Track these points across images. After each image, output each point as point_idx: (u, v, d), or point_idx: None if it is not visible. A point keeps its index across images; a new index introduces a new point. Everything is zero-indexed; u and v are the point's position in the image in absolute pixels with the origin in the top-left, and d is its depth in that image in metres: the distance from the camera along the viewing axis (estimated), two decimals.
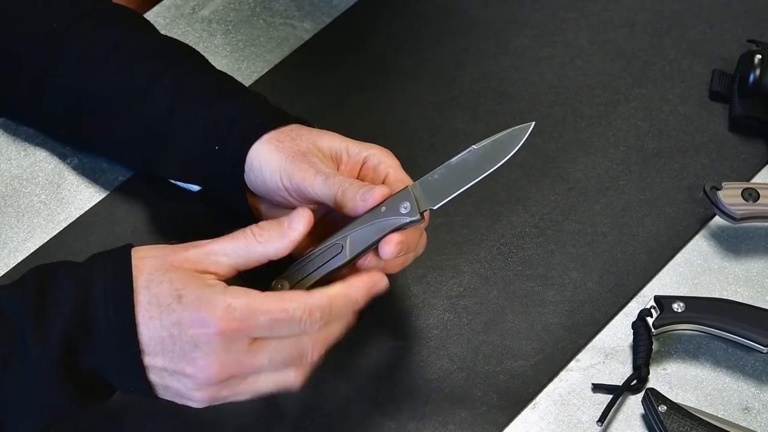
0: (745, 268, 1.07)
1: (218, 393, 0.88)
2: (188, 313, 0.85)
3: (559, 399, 1.01)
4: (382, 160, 0.96)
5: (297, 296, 0.87)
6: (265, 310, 0.86)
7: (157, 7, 1.20)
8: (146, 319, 0.86)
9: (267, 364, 0.88)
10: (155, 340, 0.86)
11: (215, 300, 0.86)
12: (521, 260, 1.07)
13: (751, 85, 1.11)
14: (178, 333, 0.86)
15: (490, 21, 1.20)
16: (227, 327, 0.85)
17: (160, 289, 0.86)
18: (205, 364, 0.86)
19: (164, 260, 0.88)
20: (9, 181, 1.10)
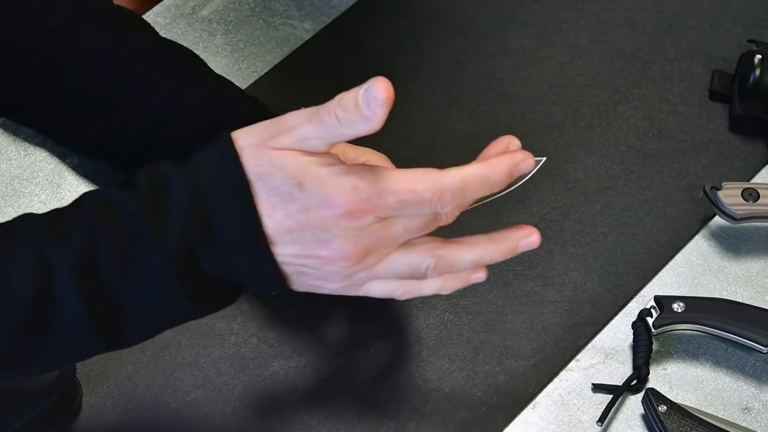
0: (745, 268, 1.07)
1: (355, 274, 0.85)
2: (313, 197, 0.82)
3: (559, 399, 1.01)
4: (379, 164, 0.96)
5: (428, 176, 0.83)
6: (393, 191, 0.82)
7: (157, 7, 1.20)
8: (269, 210, 0.83)
9: (402, 233, 0.84)
10: (282, 229, 0.83)
11: (339, 181, 0.82)
12: (521, 260, 1.07)
13: (751, 85, 1.11)
14: (305, 219, 0.82)
15: (489, 21, 1.20)
16: (354, 208, 0.82)
17: (274, 180, 0.83)
18: (338, 245, 0.83)
19: (264, 147, 0.84)
20: (9, 181, 1.10)
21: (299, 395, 1.00)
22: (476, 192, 0.85)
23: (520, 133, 1.13)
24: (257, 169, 0.83)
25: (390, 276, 0.87)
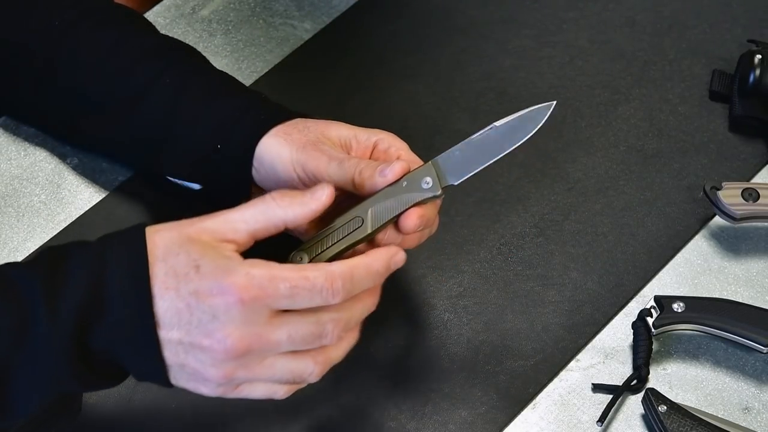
0: (745, 268, 1.07)
1: (234, 372, 0.85)
2: (207, 282, 0.83)
3: (559, 399, 1.01)
4: (392, 143, 0.97)
5: (318, 265, 0.85)
6: (286, 278, 0.84)
7: (157, 7, 1.20)
8: (162, 290, 0.84)
9: (286, 340, 0.85)
10: (171, 311, 0.83)
11: (235, 268, 0.83)
12: (521, 260, 1.07)
13: (751, 85, 1.11)
14: (195, 303, 0.83)
15: (490, 21, 1.20)
16: (247, 294, 0.83)
17: (177, 261, 0.84)
18: (223, 335, 0.83)
19: (180, 232, 0.85)
20: (9, 181, 1.10)
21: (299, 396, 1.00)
22: (362, 281, 0.87)
23: None
24: (164, 250, 0.85)
25: (272, 381, 0.87)
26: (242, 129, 0.98)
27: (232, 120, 0.99)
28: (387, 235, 0.93)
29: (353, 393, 1.01)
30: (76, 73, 1.03)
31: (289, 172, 0.96)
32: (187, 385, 0.87)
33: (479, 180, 1.10)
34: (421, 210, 0.92)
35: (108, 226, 1.07)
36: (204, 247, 0.84)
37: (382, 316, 1.03)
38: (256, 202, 0.87)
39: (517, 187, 1.11)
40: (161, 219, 1.07)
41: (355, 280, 0.86)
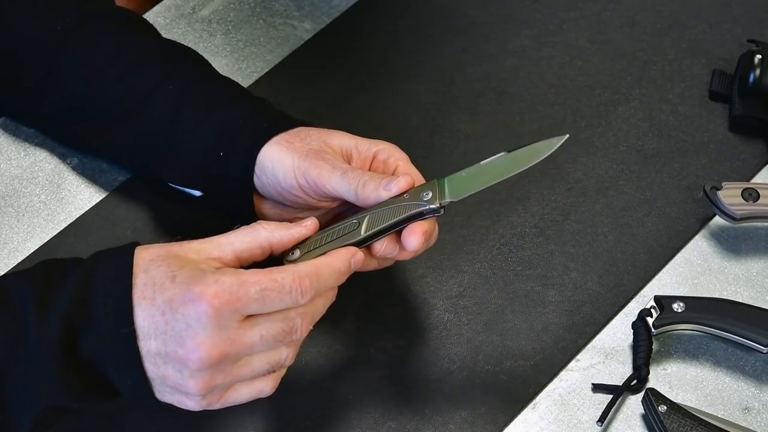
0: (745, 268, 1.07)
1: (213, 380, 0.86)
2: (179, 290, 0.85)
3: (559, 399, 1.01)
4: (392, 154, 0.97)
5: (285, 267, 0.88)
6: (255, 281, 0.85)
7: (157, 7, 1.20)
8: (140, 299, 0.85)
9: (259, 341, 0.87)
10: (149, 321, 0.85)
11: (205, 276, 0.85)
12: (521, 260, 1.07)
13: (751, 85, 1.11)
14: (169, 311, 0.85)
15: (490, 21, 1.20)
16: (218, 300, 0.84)
17: (157, 272, 0.86)
18: (196, 343, 0.84)
19: (168, 249, 0.88)
20: (9, 181, 1.10)
21: (299, 396, 1.00)
22: (328, 279, 0.89)
23: (520, 133, 1.14)
24: (151, 261, 0.87)
25: (252, 377, 0.88)
26: (244, 137, 0.98)
27: (234, 128, 0.99)
28: (384, 246, 0.94)
29: (353, 393, 1.01)
30: (78, 78, 1.03)
31: (290, 179, 0.96)
32: (171, 399, 0.88)
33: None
34: (425, 226, 0.93)
35: (108, 226, 1.07)
36: (185, 260, 0.87)
37: (383, 316, 1.04)
38: (243, 227, 0.90)
39: (517, 187, 1.11)
40: (161, 219, 1.08)
41: (321, 279, 0.88)
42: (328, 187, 0.94)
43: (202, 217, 1.07)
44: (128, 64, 1.02)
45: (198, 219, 1.07)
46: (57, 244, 1.06)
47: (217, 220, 1.06)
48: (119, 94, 1.02)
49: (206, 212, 1.06)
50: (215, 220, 1.06)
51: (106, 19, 1.05)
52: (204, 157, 1.00)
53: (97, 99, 1.03)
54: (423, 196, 0.93)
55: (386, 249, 0.94)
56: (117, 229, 1.07)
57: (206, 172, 1.00)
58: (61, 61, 1.03)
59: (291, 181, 0.96)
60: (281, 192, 0.97)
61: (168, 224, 1.07)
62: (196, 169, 1.00)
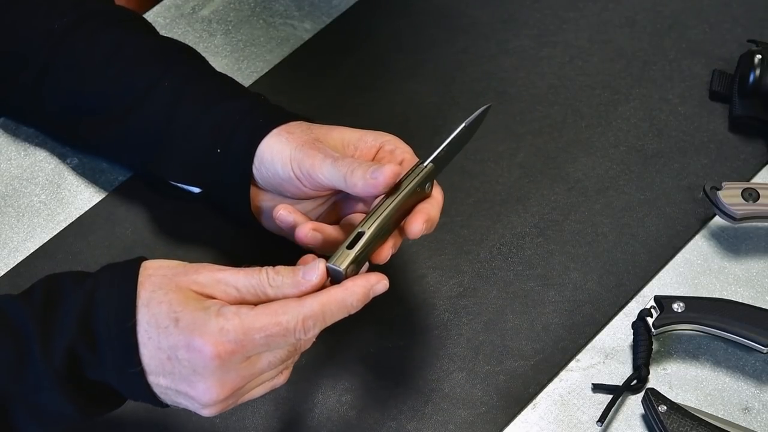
0: (745, 268, 1.07)
1: (226, 404, 0.88)
2: (183, 338, 0.85)
3: (559, 399, 1.01)
4: (398, 145, 0.98)
5: (289, 308, 0.86)
6: (259, 328, 0.85)
7: (157, 7, 1.20)
8: (145, 339, 0.86)
9: (266, 367, 0.88)
10: (155, 360, 0.86)
11: (208, 324, 0.85)
12: (521, 260, 1.07)
13: (751, 85, 1.11)
14: (175, 356, 0.85)
15: (490, 21, 1.20)
16: (222, 350, 0.85)
17: (159, 310, 0.86)
18: (205, 387, 0.86)
19: (171, 279, 0.87)
20: (9, 181, 1.10)
21: (299, 395, 1.00)
22: (335, 315, 0.88)
23: (520, 133, 1.14)
24: (151, 294, 0.86)
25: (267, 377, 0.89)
26: (242, 132, 0.98)
27: (232, 123, 0.99)
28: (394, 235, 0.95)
29: (353, 393, 1.01)
30: (75, 77, 1.03)
31: (288, 171, 0.96)
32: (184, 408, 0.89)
33: (479, 180, 1.10)
34: (426, 215, 0.94)
35: (108, 226, 1.07)
36: (187, 297, 0.86)
37: (383, 316, 1.04)
38: (253, 273, 0.88)
39: (517, 187, 1.11)
40: (161, 219, 1.08)
41: (327, 316, 0.88)
42: (321, 176, 0.94)
43: (202, 217, 1.07)
44: (125, 63, 1.02)
45: (198, 219, 1.07)
46: (57, 244, 1.06)
47: (216, 220, 1.06)
48: (116, 93, 1.02)
49: (206, 212, 1.06)
50: (215, 220, 1.06)
51: (104, 18, 1.05)
52: (201, 154, 1.00)
53: (95, 97, 1.03)
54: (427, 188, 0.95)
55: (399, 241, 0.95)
56: (117, 229, 1.07)
57: (204, 168, 1.00)
58: (59, 60, 1.03)
59: (288, 172, 0.96)
60: (281, 183, 0.97)
61: (168, 224, 1.07)
62: (193, 165, 1.01)
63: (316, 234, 0.95)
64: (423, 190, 0.94)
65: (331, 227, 0.97)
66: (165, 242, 1.07)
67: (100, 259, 1.05)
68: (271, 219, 1.01)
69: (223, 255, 1.06)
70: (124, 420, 0.98)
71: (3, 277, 1.05)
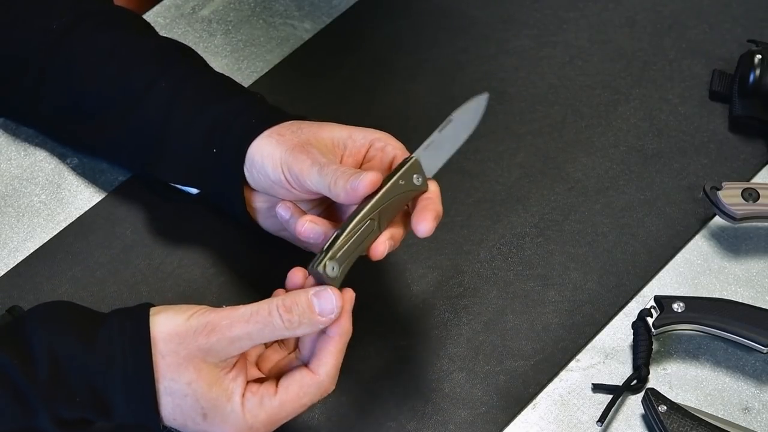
0: (745, 268, 1.07)
1: None
2: (213, 429, 0.89)
3: (559, 399, 1.01)
4: (389, 142, 0.98)
5: (308, 386, 0.90)
6: (285, 415, 0.90)
7: (157, 7, 1.20)
8: (170, 420, 0.89)
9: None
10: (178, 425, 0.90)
11: (238, 422, 0.88)
12: (521, 260, 1.07)
13: (751, 85, 1.11)
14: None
15: (489, 21, 1.20)
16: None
17: (185, 402, 0.88)
18: None
19: (187, 359, 0.88)
20: (9, 181, 1.10)
21: None
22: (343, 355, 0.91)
23: (520, 134, 1.14)
24: (172, 384, 0.88)
25: None
26: (234, 133, 0.98)
27: (225, 124, 0.99)
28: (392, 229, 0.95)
29: (353, 393, 1.00)
30: (73, 77, 1.03)
31: (278, 173, 0.96)
32: None
33: (479, 180, 1.10)
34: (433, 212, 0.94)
35: (108, 226, 1.07)
36: (210, 384, 0.88)
37: (383, 317, 1.04)
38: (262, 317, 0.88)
39: (517, 187, 1.11)
40: (161, 219, 1.07)
41: (339, 364, 0.91)
42: (308, 182, 0.95)
43: (201, 217, 1.07)
44: (123, 63, 1.02)
45: (198, 220, 1.07)
46: (57, 244, 1.06)
47: (217, 221, 1.06)
48: (113, 93, 1.02)
49: (206, 213, 1.06)
50: (214, 220, 1.06)
51: (102, 18, 1.05)
52: (197, 155, 1.00)
53: (92, 98, 1.03)
54: (415, 180, 0.95)
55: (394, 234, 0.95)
56: (117, 229, 1.07)
57: (199, 169, 1.00)
58: (57, 61, 1.03)
59: (279, 175, 0.96)
60: (272, 185, 0.97)
61: (168, 224, 1.07)
62: (189, 167, 1.00)
63: (314, 226, 0.95)
64: (412, 185, 0.95)
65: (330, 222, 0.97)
66: (165, 242, 1.06)
67: (100, 259, 1.05)
68: (268, 219, 1.01)
69: (223, 255, 1.06)
70: None
71: (3, 277, 1.05)
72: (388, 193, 0.93)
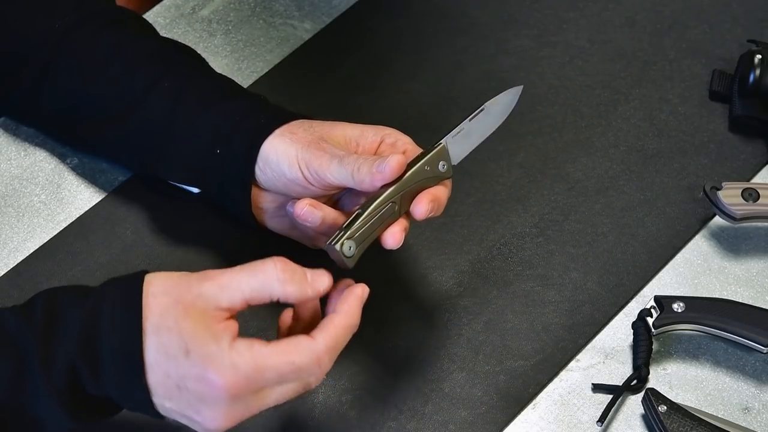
0: (745, 268, 1.07)
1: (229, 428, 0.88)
2: (195, 370, 0.85)
3: (559, 399, 1.01)
4: (398, 137, 0.98)
5: (302, 346, 0.86)
6: (272, 366, 0.85)
7: (157, 7, 1.20)
8: (153, 365, 0.85)
9: (274, 402, 0.88)
10: (162, 386, 0.86)
11: (221, 359, 0.84)
12: (521, 260, 1.07)
13: (751, 85, 1.11)
14: (184, 386, 0.85)
15: (489, 21, 1.20)
16: (233, 386, 0.84)
17: (170, 339, 0.85)
18: (211, 416, 0.86)
19: (177, 300, 0.86)
20: (9, 181, 1.10)
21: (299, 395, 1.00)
22: (344, 341, 0.89)
23: (520, 134, 1.14)
24: (159, 321, 0.85)
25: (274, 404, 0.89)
26: (244, 132, 0.98)
27: (233, 124, 0.99)
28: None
29: (353, 393, 1.01)
30: (75, 77, 1.03)
31: (295, 171, 0.96)
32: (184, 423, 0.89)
33: (479, 180, 1.10)
34: (431, 194, 0.95)
35: (108, 226, 1.07)
36: (196, 325, 0.85)
37: (383, 317, 1.04)
38: (257, 271, 0.87)
39: (517, 187, 1.11)
40: (161, 219, 1.07)
41: (339, 346, 0.88)
42: (329, 175, 0.95)
43: (202, 217, 1.07)
44: (125, 63, 1.02)
45: (198, 219, 1.07)
46: (57, 244, 1.06)
47: (217, 220, 1.06)
48: (116, 93, 1.02)
49: (206, 212, 1.06)
50: (215, 220, 1.06)
51: (105, 18, 1.05)
52: (201, 155, 1.00)
53: (95, 98, 1.03)
54: (440, 167, 0.96)
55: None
56: (117, 229, 1.07)
57: (204, 169, 1.00)
58: (59, 60, 1.03)
59: (296, 172, 0.96)
60: (287, 183, 0.97)
61: (168, 224, 1.07)
62: (193, 167, 1.00)
63: (313, 210, 0.95)
64: (437, 171, 0.95)
65: (332, 209, 0.97)
66: (165, 242, 1.07)
67: (100, 259, 1.05)
68: (274, 219, 1.01)
69: (223, 255, 1.06)
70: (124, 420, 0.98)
71: (3, 277, 1.05)
72: (413, 177, 0.94)
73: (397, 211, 0.94)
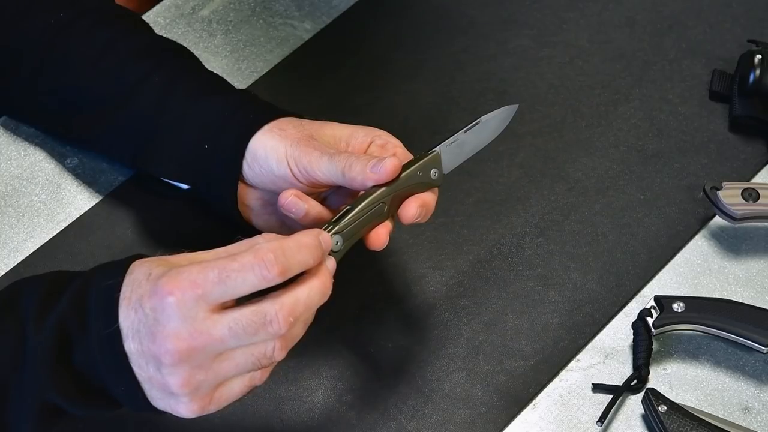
0: (745, 268, 1.07)
1: (192, 376, 0.83)
2: (149, 286, 0.83)
3: (559, 399, 1.01)
4: (389, 140, 0.98)
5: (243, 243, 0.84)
6: (214, 264, 0.83)
7: (157, 7, 1.20)
8: (123, 301, 0.84)
9: (228, 334, 0.83)
10: (128, 321, 0.84)
11: (173, 270, 0.83)
12: (521, 260, 1.07)
13: (751, 85, 1.11)
14: (140, 308, 0.83)
15: (489, 21, 1.20)
16: (179, 290, 0.82)
17: (139, 272, 0.84)
18: (163, 336, 0.82)
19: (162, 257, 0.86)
20: (9, 181, 1.10)
21: (299, 395, 1.00)
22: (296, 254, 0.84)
23: (520, 133, 1.14)
24: (140, 267, 0.84)
25: (238, 372, 0.85)
26: (232, 128, 0.98)
27: (221, 119, 0.99)
28: None
29: (353, 393, 1.01)
30: (69, 73, 1.03)
31: (283, 167, 0.96)
32: (164, 405, 0.86)
33: (479, 180, 1.10)
34: (420, 200, 0.94)
35: (108, 226, 1.07)
36: (167, 262, 0.84)
37: (383, 317, 1.04)
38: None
39: (517, 187, 1.11)
40: (161, 219, 1.08)
41: (288, 252, 0.83)
42: (318, 172, 0.94)
43: (202, 217, 1.07)
44: (117, 58, 1.03)
45: (198, 220, 1.07)
46: (57, 244, 1.07)
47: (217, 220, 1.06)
48: (108, 88, 1.02)
49: (206, 213, 1.06)
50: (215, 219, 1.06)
51: (100, 15, 1.05)
52: (188, 150, 1.00)
53: (87, 92, 1.03)
54: (432, 174, 0.96)
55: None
56: (117, 229, 1.07)
57: (191, 164, 1.00)
58: (54, 56, 1.03)
59: (285, 169, 0.96)
60: (275, 180, 0.97)
61: (168, 224, 1.08)
62: (181, 162, 1.00)
63: (297, 201, 0.94)
64: (428, 177, 0.95)
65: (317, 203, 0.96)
66: (165, 242, 1.07)
67: (100, 259, 1.05)
68: (260, 217, 1.01)
69: None
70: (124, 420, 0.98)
71: (3, 277, 1.05)
72: (405, 181, 0.94)
73: (385, 212, 0.94)
